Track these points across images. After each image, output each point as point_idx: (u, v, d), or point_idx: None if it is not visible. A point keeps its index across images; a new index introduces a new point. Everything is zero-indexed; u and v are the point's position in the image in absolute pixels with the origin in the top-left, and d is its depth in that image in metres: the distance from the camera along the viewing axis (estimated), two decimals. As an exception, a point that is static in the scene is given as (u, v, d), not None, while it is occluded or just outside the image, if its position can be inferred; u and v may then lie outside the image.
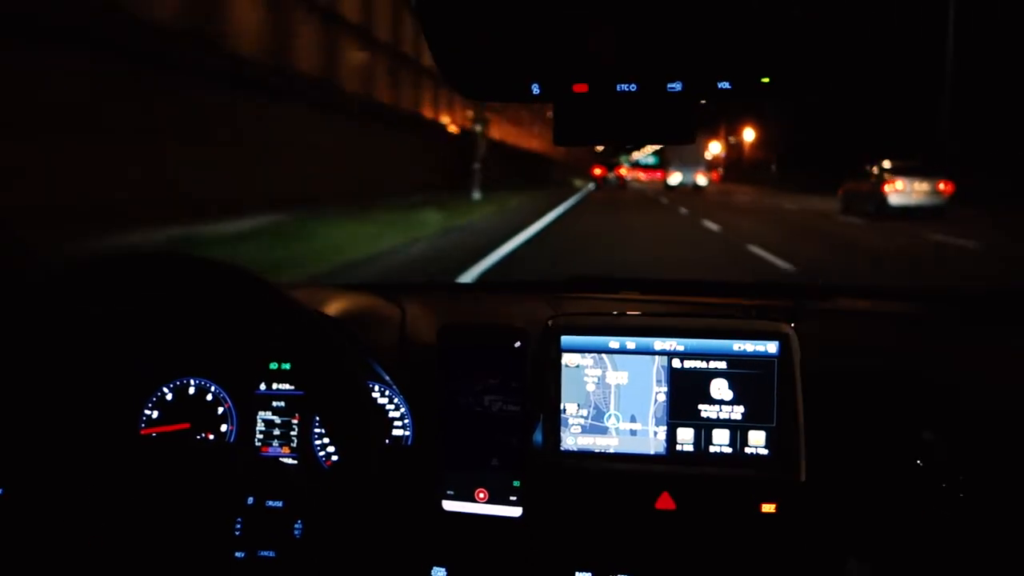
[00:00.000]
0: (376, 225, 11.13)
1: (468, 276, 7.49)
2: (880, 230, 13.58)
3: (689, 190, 36.01)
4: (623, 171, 46.23)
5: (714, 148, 53.87)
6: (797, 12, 0.75)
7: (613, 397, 1.11)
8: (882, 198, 16.04)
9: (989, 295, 1.39)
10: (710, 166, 42.56)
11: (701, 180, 37.41)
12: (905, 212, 15.70)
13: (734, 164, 54.80)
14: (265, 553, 0.96)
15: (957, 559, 1.06)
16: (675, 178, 38.46)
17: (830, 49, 0.75)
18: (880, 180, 16.22)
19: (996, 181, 16.99)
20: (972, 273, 8.19)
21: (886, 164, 16.32)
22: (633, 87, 0.78)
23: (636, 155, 58.36)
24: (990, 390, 1.14)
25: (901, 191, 15.89)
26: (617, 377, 1.11)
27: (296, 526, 0.97)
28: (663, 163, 44.54)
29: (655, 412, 1.10)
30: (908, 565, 1.07)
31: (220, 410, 1.30)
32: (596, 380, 1.11)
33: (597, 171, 43.31)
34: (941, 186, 15.87)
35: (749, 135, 50.53)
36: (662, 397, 1.10)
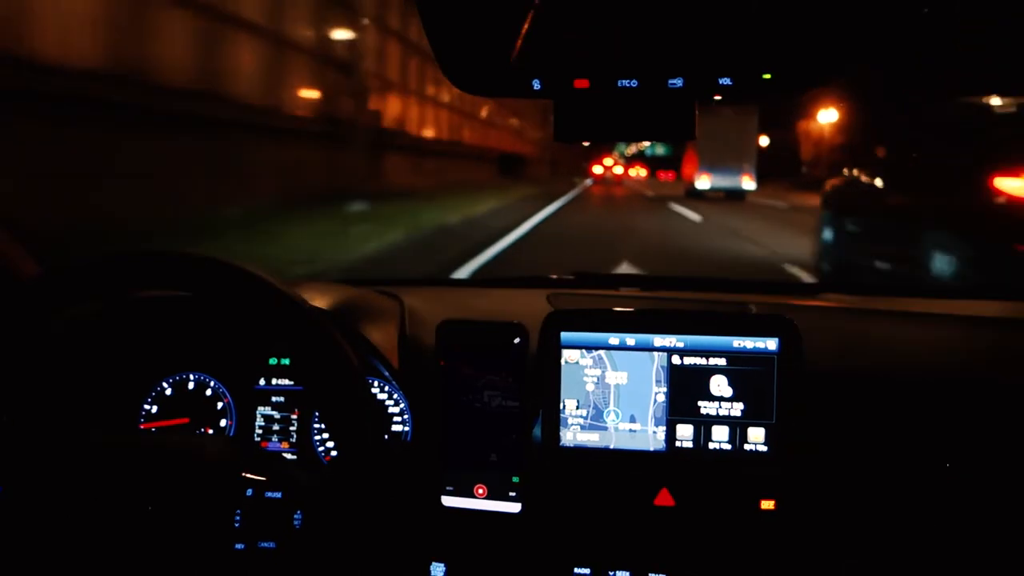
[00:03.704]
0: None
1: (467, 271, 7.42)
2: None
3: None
4: (618, 170, 42.07)
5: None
6: (798, 8, 0.72)
7: (612, 396, 1.07)
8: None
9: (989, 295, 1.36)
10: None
11: (747, 184, 22.96)
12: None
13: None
14: (265, 544, 0.93)
15: (956, 558, 1.03)
16: (704, 181, 23.03)
17: (831, 45, 0.72)
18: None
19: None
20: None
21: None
22: (634, 83, 0.75)
23: (635, 146, 44.00)
24: (989, 389, 1.10)
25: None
26: (616, 377, 1.06)
27: (296, 516, 0.94)
28: (682, 156, 29.12)
29: (654, 412, 1.06)
30: (906, 563, 1.03)
31: (219, 405, 1.26)
32: (595, 380, 1.07)
33: (597, 169, 42.75)
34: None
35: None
36: (661, 397, 1.05)
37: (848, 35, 0.71)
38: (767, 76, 0.72)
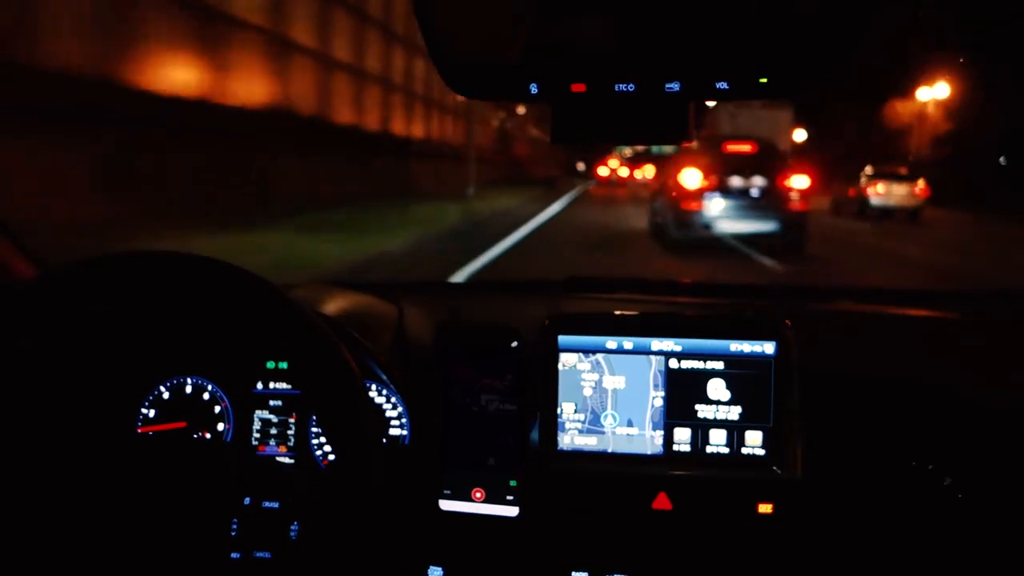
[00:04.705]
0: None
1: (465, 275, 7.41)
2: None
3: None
4: (623, 171, 40.34)
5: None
6: (795, 12, 0.72)
7: (610, 400, 1.06)
8: (865, 200, 16.32)
9: (989, 296, 1.36)
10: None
11: None
12: (885, 213, 15.91)
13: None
14: (261, 554, 0.92)
15: (955, 561, 1.02)
16: None
17: (828, 50, 0.71)
18: (865, 184, 16.48)
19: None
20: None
21: (869, 170, 16.40)
22: (631, 87, 0.74)
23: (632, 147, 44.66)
24: (988, 391, 1.10)
25: (882, 194, 16.17)
26: (614, 381, 1.06)
27: (292, 527, 0.93)
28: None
29: (652, 416, 1.05)
30: (906, 565, 1.03)
31: (217, 409, 1.26)
32: (593, 384, 1.07)
33: (602, 171, 41.94)
34: (917, 189, 16.25)
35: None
36: (659, 401, 1.05)
37: (844, 39, 0.70)
38: (763, 80, 0.72)
